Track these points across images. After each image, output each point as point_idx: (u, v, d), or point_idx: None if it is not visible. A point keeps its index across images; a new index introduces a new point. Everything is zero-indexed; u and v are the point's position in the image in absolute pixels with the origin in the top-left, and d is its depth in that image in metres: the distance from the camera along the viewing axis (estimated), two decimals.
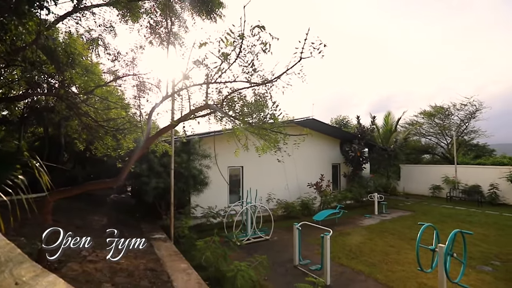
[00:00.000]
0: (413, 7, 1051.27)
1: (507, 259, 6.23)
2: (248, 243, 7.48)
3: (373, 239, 7.77)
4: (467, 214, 11.17)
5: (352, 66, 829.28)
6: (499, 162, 16.79)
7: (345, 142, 14.66)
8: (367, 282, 5.14)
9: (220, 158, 9.77)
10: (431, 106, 20.59)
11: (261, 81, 3.00)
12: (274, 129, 3.33)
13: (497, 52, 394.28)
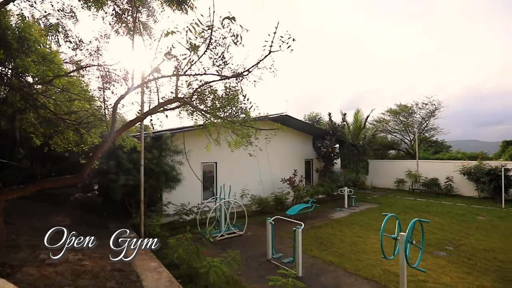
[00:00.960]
0: (387, 8, 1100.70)
1: (459, 244, 6.84)
2: (222, 239, 7.44)
3: (343, 231, 8.10)
4: (426, 205, 12.06)
5: (327, 65, 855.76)
6: (454, 157, 18.35)
7: (318, 138, 15.08)
8: (336, 272, 5.36)
9: (194, 154, 9.62)
10: (396, 105, 21.89)
11: (232, 74, 2.95)
12: (246, 123, 3.31)
13: (455, 55, 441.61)
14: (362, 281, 4.96)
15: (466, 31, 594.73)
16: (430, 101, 20.11)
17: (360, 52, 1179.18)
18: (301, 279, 5.03)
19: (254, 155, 4.17)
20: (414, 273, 5.09)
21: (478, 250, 6.45)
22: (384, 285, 4.79)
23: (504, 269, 5.39)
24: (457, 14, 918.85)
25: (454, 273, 5.20)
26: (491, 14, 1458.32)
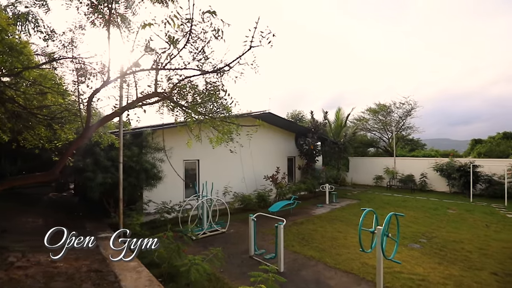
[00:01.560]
0: (371, 8, 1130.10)
1: (431, 237, 7.21)
2: (204, 237, 7.38)
3: (323, 226, 8.29)
4: (402, 200, 12.59)
5: (310, 64, 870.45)
6: (428, 155, 19.24)
7: (300, 136, 15.27)
8: (317, 266, 5.48)
9: (175, 151, 9.43)
10: (376, 104, 22.61)
11: (212, 69, 2.90)
12: (227, 119, 3.27)
13: (431, 57, 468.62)
14: (342, 274, 5.11)
15: (444, 34, 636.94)
16: (407, 101, 20.98)
17: (343, 52, 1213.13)
18: (283, 274, 5.10)
19: (235, 151, 4.15)
20: (390, 265, 5.31)
21: (448, 241, 6.82)
22: (362, 277, 4.96)
23: (471, 258, 5.75)
24: (437, 17, 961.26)
25: (427, 264, 5.47)
26: (468, 18, 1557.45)
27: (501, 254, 6.01)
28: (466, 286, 4.61)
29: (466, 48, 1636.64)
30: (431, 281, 4.76)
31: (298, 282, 4.83)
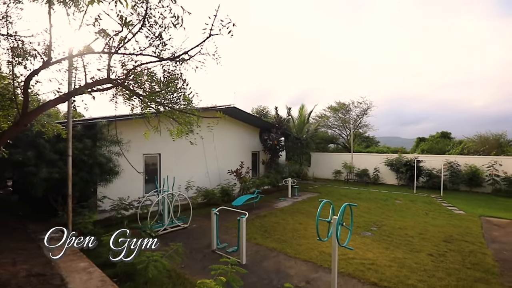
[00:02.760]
0: (337, 9, 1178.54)
1: (381, 225, 7.87)
2: (165, 233, 7.15)
3: (285, 219, 8.55)
4: (357, 192, 13.52)
5: (276, 62, 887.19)
6: (381, 151, 20.89)
7: (264, 131, 15.48)
8: (278, 257, 5.65)
9: (135, 144, 8.93)
10: (336, 102, 23.84)
11: (171, 57, 2.76)
12: (187, 110, 3.16)
13: (388, 60, 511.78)
14: (301, 263, 5.34)
15: (401, 40, 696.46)
16: (364, 101, 22.49)
17: (308, 51, 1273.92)
18: (245, 266, 5.17)
19: (195, 143, 4.05)
20: (345, 252, 5.69)
21: (395, 228, 7.51)
22: (320, 265, 5.25)
23: (412, 243, 6.42)
24: (396, 22, 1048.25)
25: (376, 249, 5.97)
26: (422, 25, 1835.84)
27: (436, 237, 6.80)
28: (408, 266, 5.13)
29: (419, 54, 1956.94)
30: (379, 264, 5.21)
31: (260, 273, 4.94)
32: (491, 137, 18.25)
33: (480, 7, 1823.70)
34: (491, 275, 4.84)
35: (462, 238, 6.76)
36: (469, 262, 5.38)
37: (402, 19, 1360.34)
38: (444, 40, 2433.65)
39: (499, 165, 13.27)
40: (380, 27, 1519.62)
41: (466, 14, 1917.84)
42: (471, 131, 27.80)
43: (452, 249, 6.03)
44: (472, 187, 13.71)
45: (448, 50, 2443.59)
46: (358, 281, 4.63)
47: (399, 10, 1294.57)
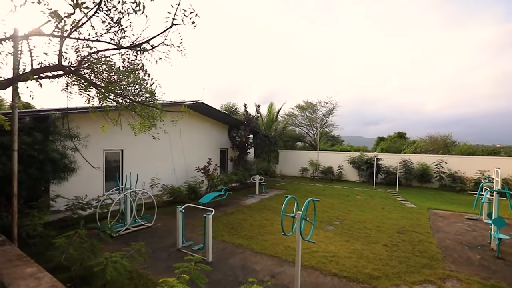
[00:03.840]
0: (308, 11, 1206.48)
1: (343, 219, 8.31)
2: (127, 233, 6.82)
3: (253, 215, 8.63)
4: (322, 189, 14.11)
5: (246, 60, 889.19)
6: (345, 149, 21.98)
7: (233, 128, 15.43)
8: (244, 253, 5.69)
9: (94, 140, 8.35)
10: (304, 102, 24.55)
11: (131, 45, 2.61)
12: (149, 103, 3.01)
13: (356, 65, 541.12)
14: (267, 258, 5.44)
15: (364, 44, 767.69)
16: (330, 101, 23.45)
17: (279, 49, 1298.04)
18: (211, 263, 5.14)
19: (158, 138, 3.89)
20: (309, 246, 5.92)
21: (355, 222, 7.98)
22: (285, 259, 5.39)
23: (370, 235, 6.88)
24: (361, 25, 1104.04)
25: (338, 242, 6.30)
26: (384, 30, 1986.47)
27: (391, 229, 7.36)
28: (365, 257, 5.50)
29: (379, 58, 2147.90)
30: (340, 256, 5.51)
31: (226, 269, 4.94)
32: (439, 138, 20.16)
33: (435, 17, 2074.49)
34: (435, 261, 5.38)
35: (412, 229, 7.40)
36: (418, 250, 5.91)
37: (368, 26, 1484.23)
38: (400, 47, 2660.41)
39: (445, 163, 14.74)
40: (351, 31, 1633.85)
41: (423, 23, 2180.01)
42: (423, 132, 30.50)
43: (404, 240, 6.57)
44: (423, 183, 15.06)
45: (404, 57, 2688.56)
46: (320, 272, 4.85)
47: (364, 19, 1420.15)
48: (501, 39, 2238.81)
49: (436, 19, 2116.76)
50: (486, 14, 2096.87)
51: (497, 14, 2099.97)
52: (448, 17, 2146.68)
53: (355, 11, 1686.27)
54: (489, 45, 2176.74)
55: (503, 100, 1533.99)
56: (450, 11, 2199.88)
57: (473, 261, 5.42)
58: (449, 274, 4.83)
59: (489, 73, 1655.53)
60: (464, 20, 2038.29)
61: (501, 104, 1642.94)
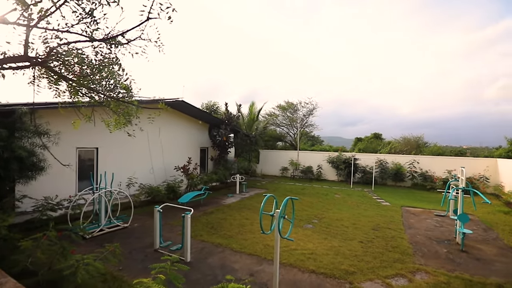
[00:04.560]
0: (290, 11, 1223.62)
1: (322, 217, 8.51)
2: (101, 234, 6.56)
3: (232, 215, 8.61)
4: (302, 188, 14.36)
5: (228, 59, 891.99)
6: (324, 149, 22.49)
7: (214, 127, 15.30)
8: (224, 253, 5.67)
9: (66, 137, 7.95)
10: (285, 102, 24.83)
11: (104, 38, 2.49)
12: (124, 99, 2.90)
13: (337, 66, 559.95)
14: (246, 257, 5.45)
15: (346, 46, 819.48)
16: (310, 102, 23.88)
17: (262, 49, 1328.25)
18: (189, 263, 5.07)
19: (133, 135, 3.77)
20: (287, 244, 6.01)
21: (333, 220, 8.20)
22: (264, 257, 5.43)
23: (347, 232, 7.10)
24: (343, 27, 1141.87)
25: (316, 240, 6.44)
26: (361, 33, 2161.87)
27: (367, 226, 7.64)
28: (342, 253, 5.67)
29: (359, 61, 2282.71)
30: (318, 253, 5.63)
31: (204, 269, 4.89)
32: (412, 139, 21.19)
33: (412, 24, 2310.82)
34: (406, 255, 5.66)
35: (386, 226, 7.72)
36: (391, 246, 6.19)
37: (349, 29, 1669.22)
38: (379, 51, 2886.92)
39: (417, 162, 15.52)
40: (333, 33, 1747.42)
41: (401, 28, 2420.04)
42: (398, 133, 31.97)
43: (378, 236, 6.84)
44: (397, 181, 15.77)
45: (383, 60, 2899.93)
46: (299, 270, 4.94)
47: (346, 22, 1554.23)
48: (470, 48, 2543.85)
49: (413, 25, 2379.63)
50: (457, 23, 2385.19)
51: (467, 23, 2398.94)
52: (424, 23, 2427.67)
53: (338, 13, 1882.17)
54: (459, 53, 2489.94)
55: (471, 105, 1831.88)
56: (426, 19, 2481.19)
57: (440, 255, 5.75)
58: (418, 267, 5.10)
59: (458, 79, 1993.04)
60: (438, 28, 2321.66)
61: (469, 108, 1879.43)
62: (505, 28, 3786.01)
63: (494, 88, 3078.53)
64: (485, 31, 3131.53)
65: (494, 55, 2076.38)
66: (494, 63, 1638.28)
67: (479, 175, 13.90)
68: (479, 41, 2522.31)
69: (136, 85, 2.84)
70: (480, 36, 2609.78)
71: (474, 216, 8.92)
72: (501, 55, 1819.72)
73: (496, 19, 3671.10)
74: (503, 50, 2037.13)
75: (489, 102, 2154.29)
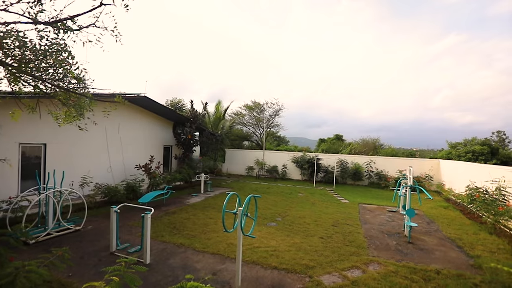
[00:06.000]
0: (260, 12, 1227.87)
1: (285, 215, 8.73)
2: (48, 239, 5.98)
3: (196, 214, 8.43)
4: (267, 187, 14.58)
5: (196, 57, 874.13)
6: (290, 149, 23.10)
7: (178, 124, 14.85)
8: (186, 253, 5.52)
9: (7, 131, 7.11)
10: (252, 101, 25.00)
11: (51, 21, 2.25)
12: (76, 90, 2.66)
13: (302, 70, 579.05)
14: (209, 256, 5.38)
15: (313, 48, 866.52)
16: (276, 102, 24.35)
17: (231, 49, 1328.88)
18: (149, 265, 4.85)
19: (85, 129, 3.50)
20: (251, 242, 6.05)
21: (296, 218, 8.46)
22: (227, 256, 5.40)
23: (308, 229, 7.38)
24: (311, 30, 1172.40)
25: (279, 237, 6.58)
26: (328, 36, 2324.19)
27: (327, 223, 8.01)
28: (303, 249, 5.87)
29: (324, 66, 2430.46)
30: (280, 250, 5.76)
31: (165, 270, 4.72)
32: (370, 141, 22.76)
33: (369, 36, 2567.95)
34: (361, 249, 6.05)
35: (345, 222, 8.17)
36: (348, 240, 6.56)
37: (316, 35, 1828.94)
38: (343, 57, 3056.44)
39: (373, 163, 16.68)
40: (300, 38, 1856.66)
41: (362, 38, 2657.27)
42: (358, 135, 34.16)
43: (337, 232, 7.21)
44: (356, 180, 16.78)
45: (346, 66, 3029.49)
46: (261, 267, 5.00)
47: (313, 28, 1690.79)
48: (420, 60, 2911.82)
49: (376, 34, 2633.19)
50: (412, 35, 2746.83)
51: (417, 38, 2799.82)
52: (385, 33, 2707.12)
53: (307, 17, 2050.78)
54: (412, 64, 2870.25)
55: (420, 111, 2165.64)
56: (387, 28, 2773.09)
57: (391, 247, 6.25)
58: (371, 259, 5.49)
59: (411, 87, 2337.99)
60: (396, 38, 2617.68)
61: (419, 114, 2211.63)
62: (445, 45, 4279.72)
63: (439, 98, 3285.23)
64: (433, 46, 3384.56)
65: (439, 68, 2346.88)
66: (438, 75, 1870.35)
67: (425, 174, 15.39)
68: (429, 54, 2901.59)
69: (90, 76, 2.62)
70: (429, 50, 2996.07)
71: (420, 211, 9.86)
72: (443, 69, 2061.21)
73: (439, 37, 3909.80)
74: (445, 64, 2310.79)
75: (435, 110, 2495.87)
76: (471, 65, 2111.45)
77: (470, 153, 16.73)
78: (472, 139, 18.60)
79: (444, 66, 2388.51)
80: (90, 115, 3.26)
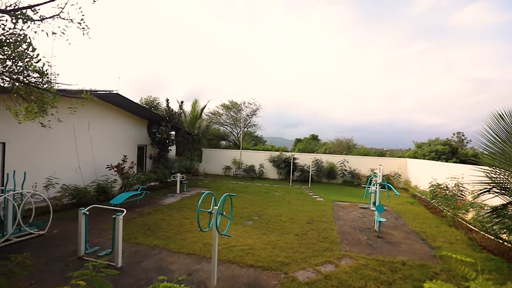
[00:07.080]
0: (237, 12, 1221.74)
1: (262, 214, 8.81)
2: (7, 245, 5.55)
3: (172, 215, 8.25)
4: (244, 186, 14.60)
5: (173, 56, 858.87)
6: (267, 149, 23.29)
7: (153, 123, 14.43)
8: (160, 254, 5.39)
9: None
10: (229, 101, 24.88)
11: (7, 9, 2.10)
12: (39, 85, 2.50)
13: (279, 71, 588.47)
14: (185, 257, 5.29)
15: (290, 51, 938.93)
16: (254, 102, 24.45)
17: (208, 48, 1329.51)
18: (121, 268, 4.68)
19: (49, 126, 3.29)
20: (227, 241, 6.04)
21: (272, 216, 8.57)
22: (203, 256, 5.35)
23: (284, 227, 7.51)
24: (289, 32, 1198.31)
25: (255, 236, 6.63)
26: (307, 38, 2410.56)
27: (302, 221, 8.20)
28: (279, 247, 5.97)
29: (301, 68, 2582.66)
30: (256, 248, 5.81)
31: (138, 273, 4.57)
32: (344, 141, 23.60)
33: (344, 39, 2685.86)
34: (334, 244, 6.28)
35: (319, 219, 8.42)
36: (322, 237, 6.77)
37: (292, 37, 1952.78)
38: (319, 59, 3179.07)
39: (347, 162, 17.32)
40: (278, 39, 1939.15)
41: (337, 42, 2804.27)
42: (333, 136, 35.29)
43: (312, 229, 7.41)
44: (330, 179, 17.32)
45: (322, 67, 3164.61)
46: (238, 265, 5.02)
47: (286, 29, 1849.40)
48: (390, 64, 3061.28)
49: (352, 37, 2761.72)
50: (382, 41, 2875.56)
51: (390, 42, 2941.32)
52: (359, 37, 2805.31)
53: (282, 19, 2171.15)
54: (383, 67, 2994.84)
55: (390, 113, 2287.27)
56: (361, 32, 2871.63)
57: (362, 242, 6.55)
58: (344, 254, 5.71)
59: (382, 90, 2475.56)
60: (370, 42, 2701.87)
61: (389, 116, 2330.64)
62: (415, 51, 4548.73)
63: (408, 100, 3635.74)
64: (403, 50, 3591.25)
65: (408, 72, 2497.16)
66: (408, 79, 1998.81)
67: (394, 172, 16.26)
68: (397, 59, 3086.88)
69: (54, 70, 2.46)
70: (400, 54, 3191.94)
71: (389, 207, 10.41)
72: (412, 73, 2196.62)
73: (409, 42, 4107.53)
74: (412, 69, 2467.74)
75: (403, 111, 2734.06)
76: (435, 70, 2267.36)
77: (434, 153, 17.95)
78: (436, 139, 19.97)
79: (412, 70, 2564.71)
80: (54, 112, 3.06)
